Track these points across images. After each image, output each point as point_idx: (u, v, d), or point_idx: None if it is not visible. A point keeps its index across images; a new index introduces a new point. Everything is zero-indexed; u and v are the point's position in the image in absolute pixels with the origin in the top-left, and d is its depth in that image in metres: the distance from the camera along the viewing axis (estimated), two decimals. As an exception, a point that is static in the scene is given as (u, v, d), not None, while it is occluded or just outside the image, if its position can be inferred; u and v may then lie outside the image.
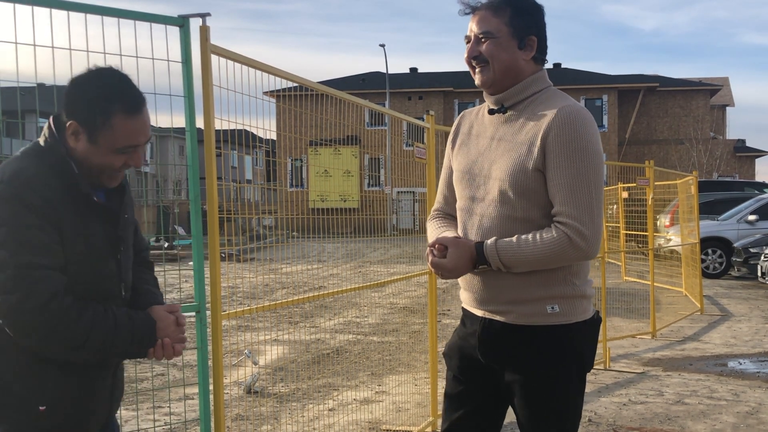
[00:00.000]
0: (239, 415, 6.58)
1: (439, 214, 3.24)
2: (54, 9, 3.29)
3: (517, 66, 2.92)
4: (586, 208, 2.75)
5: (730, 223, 19.09)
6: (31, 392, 2.39)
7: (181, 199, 34.12)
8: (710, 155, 45.39)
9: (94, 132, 2.45)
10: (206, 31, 3.62)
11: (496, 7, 2.90)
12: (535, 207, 2.83)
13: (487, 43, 2.89)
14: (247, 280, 6.75)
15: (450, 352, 3.13)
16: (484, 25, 2.90)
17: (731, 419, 6.49)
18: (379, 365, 8.67)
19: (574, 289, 2.89)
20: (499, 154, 2.91)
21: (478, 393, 3.03)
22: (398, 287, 12.83)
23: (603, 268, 9.35)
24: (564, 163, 2.76)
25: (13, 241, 2.30)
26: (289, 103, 4.85)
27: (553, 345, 2.86)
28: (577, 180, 2.75)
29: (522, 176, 2.81)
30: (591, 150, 2.79)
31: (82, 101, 2.46)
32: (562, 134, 2.77)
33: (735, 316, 12.53)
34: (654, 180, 11.77)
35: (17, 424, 2.39)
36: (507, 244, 2.79)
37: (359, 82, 48.70)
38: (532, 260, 2.77)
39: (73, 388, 2.46)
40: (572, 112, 2.81)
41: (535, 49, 2.94)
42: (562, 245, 2.74)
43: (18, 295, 2.28)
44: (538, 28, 2.95)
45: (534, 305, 2.85)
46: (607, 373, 8.30)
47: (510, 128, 2.93)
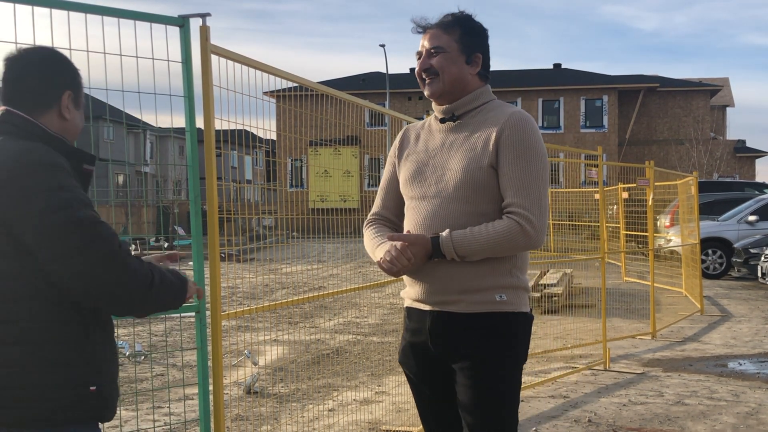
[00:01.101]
0: (239, 415, 6.57)
1: (377, 219, 3.38)
2: (54, 9, 3.29)
3: (464, 79, 3.17)
4: (536, 200, 3.00)
5: (731, 223, 19.08)
6: (85, 373, 2.42)
7: (181, 199, 34.14)
8: (710, 156, 45.36)
9: (79, 94, 2.60)
10: (206, 31, 3.62)
11: (446, 26, 3.18)
12: (488, 201, 3.04)
13: (438, 56, 3.15)
14: (247, 280, 6.75)
15: (404, 356, 3.30)
16: (435, 41, 3.16)
17: (731, 420, 6.49)
18: (379, 365, 8.67)
19: (518, 281, 3.10)
20: (453, 154, 3.13)
21: (438, 384, 3.21)
22: (398, 287, 12.81)
23: (603, 269, 9.35)
24: (516, 160, 3.01)
25: (69, 199, 2.33)
26: (289, 103, 4.85)
27: (501, 331, 3.05)
28: (528, 175, 3.00)
29: (477, 172, 3.03)
30: (540, 150, 3.06)
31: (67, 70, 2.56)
32: (515, 134, 3.03)
33: (735, 316, 12.53)
34: (654, 180, 11.78)
35: (66, 404, 2.39)
36: (461, 235, 2.97)
37: (359, 83, 48.67)
38: (486, 248, 2.96)
39: (110, 371, 2.53)
40: (523, 117, 3.08)
41: (480, 65, 3.20)
42: (513, 232, 2.95)
43: (98, 244, 2.32)
44: (483, 47, 3.22)
45: (483, 294, 3.04)
46: (607, 373, 8.30)
47: (461, 134, 3.16)
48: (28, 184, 2.31)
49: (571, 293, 13.63)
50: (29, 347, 2.35)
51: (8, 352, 2.34)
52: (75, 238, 2.30)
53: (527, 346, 3.19)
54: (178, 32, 3.66)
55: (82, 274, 2.31)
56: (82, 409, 2.42)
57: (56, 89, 2.53)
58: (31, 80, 2.52)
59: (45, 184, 2.32)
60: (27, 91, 2.52)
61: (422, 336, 3.16)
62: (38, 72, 2.53)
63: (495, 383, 3.05)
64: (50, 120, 2.53)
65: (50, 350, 2.36)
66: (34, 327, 2.35)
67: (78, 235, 2.30)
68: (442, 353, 3.12)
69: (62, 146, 2.51)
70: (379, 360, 9.00)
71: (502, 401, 3.07)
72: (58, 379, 2.37)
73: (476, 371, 3.04)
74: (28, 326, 2.35)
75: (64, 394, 2.38)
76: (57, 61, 2.56)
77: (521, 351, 3.14)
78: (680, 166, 42.21)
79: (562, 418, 6.60)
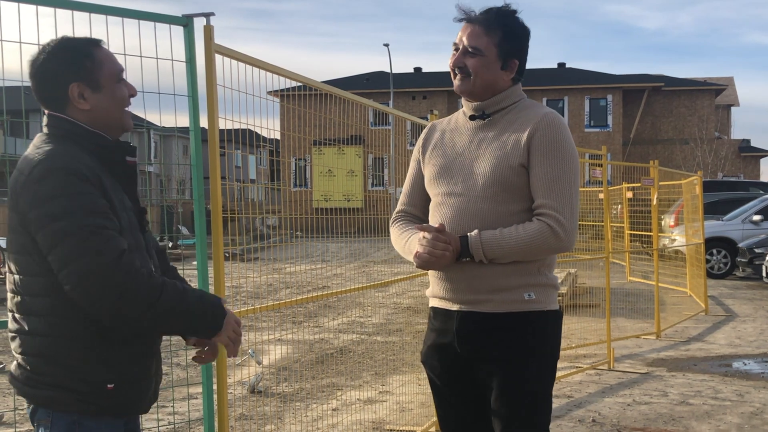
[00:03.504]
0: (243, 414, 6.58)
1: (403, 215, 3.32)
2: (58, 8, 3.29)
3: (497, 84, 3.11)
4: (567, 202, 2.95)
5: (735, 223, 19.04)
6: (99, 372, 2.46)
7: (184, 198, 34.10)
8: (715, 155, 45.27)
9: (93, 77, 2.56)
10: (210, 31, 3.62)
11: (488, 25, 3.07)
12: (516, 201, 2.99)
13: (475, 59, 3.07)
14: (251, 279, 6.74)
15: (428, 356, 3.22)
16: (475, 40, 3.07)
17: (736, 420, 6.48)
18: (382, 365, 8.67)
19: (547, 279, 3.07)
20: (481, 153, 3.07)
21: (463, 388, 3.15)
22: (402, 287, 12.81)
23: (607, 268, 9.33)
24: (548, 161, 2.96)
25: (73, 207, 2.35)
26: (293, 102, 4.85)
27: (531, 330, 3.01)
28: (559, 177, 2.96)
29: (507, 171, 2.98)
30: (572, 153, 3.02)
31: (65, 64, 2.54)
32: (548, 135, 2.99)
33: (739, 316, 12.51)
34: (658, 180, 11.76)
35: (85, 402, 2.47)
36: (490, 236, 2.92)
37: (363, 82, 48.66)
38: (516, 250, 2.92)
39: (133, 369, 2.54)
40: (556, 118, 3.04)
41: (515, 71, 3.14)
42: (544, 235, 2.91)
43: (89, 257, 2.32)
44: (521, 53, 3.15)
45: (512, 293, 2.99)
46: (611, 373, 8.29)
47: (490, 132, 3.10)
48: (38, 189, 2.38)
49: (575, 293, 13.62)
50: (52, 340, 2.44)
51: (37, 342, 2.46)
52: (68, 247, 2.34)
53: (559, 344, 3.16)
54: (182, 32, 3.66)
55: (75, 285, 2.35)
56: (101, 405, 2.49)
57: (60, 86, 2.54)
58: (38, 83, 2.57)
59: (52, 190, 2.36)
60: (42, 93, 2.58)
61: (448, 336, 3.10)
62: (40, 74, 2.56)
63: (527, 384, 3.00)
64: (75, 114, 2.56)
65: (68, 346, 2.45)
66: (55, 322, 2.43)
67: (71, 245, 2.34)
68: (470, 355, 3.06)
69: (98, 141, 2.55)
70: (383, 359, 9.00)
71: (534, 402, 3.03)
72: (77, 373, 2.46)
73: (507, 373, 2.99)
74: (51, 321, 2.44)
75: (83, 388, 2.46)
76: (54, 58, 2.55)
77: (552, 349, 3.10)
78: (685, 165, 42.14)
79: (566, 417, 6.59)
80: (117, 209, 2.48)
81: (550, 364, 3.10)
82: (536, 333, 3.02)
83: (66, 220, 2.34)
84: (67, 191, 2.36)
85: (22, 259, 2.45)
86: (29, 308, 2.46)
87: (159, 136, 57.45)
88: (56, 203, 2.35)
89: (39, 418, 2.50)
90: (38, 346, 2.45)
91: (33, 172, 2.40)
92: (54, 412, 2.47)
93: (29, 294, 2.45)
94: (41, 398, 2.47)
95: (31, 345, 2.46)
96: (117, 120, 2.63)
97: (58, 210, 2.35)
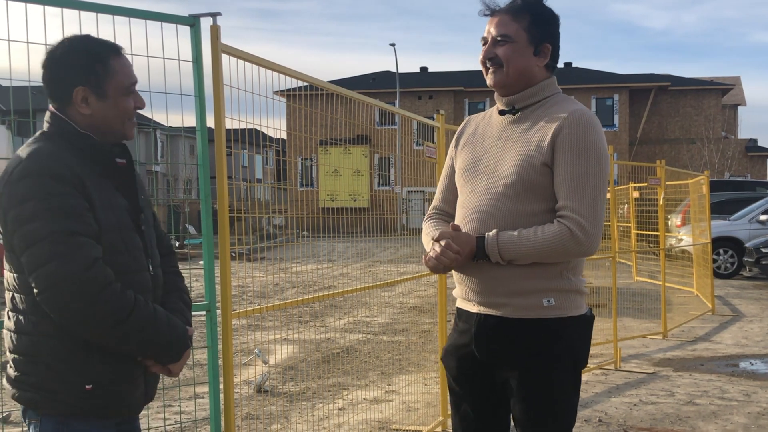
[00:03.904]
0: (249, 414, 6.58)
1: (436, 213, 3.27)
2: (65, 9, 3.30)
3: (530, 71, 2.99)
4: (590, 204, 2.83)
5: (742, 222, 19.00)
6: (77, 373, 2.45)
7: (191, 198, 34.20)
8: (722, 155, 45.19)
9: (101, 85, 2.55)
10: (217, 31, 3.62)
11: (516, 12, 2.97)
12: (539, 201, 2.89)
13: (505, 46, 2.96)
14: (257, 279, 6.76)
15: (447, 355, 3.17)
16: (503, 28, 2.96)
17: (742, 420, 6.46)
18: (389, 365, 8.67)
19: (569, 284, 2.93)
20: (506, 150, 2.98)
21: (479, 392, 3.07)
22: (408, 287, 12.84)
23: (614, 268, 9.32)
24: (573, 160, 2.84)
25: (44, 210, 2.34)
26: (300, 102, 4.85)
27: (548, 338, 2.91)
28: (583, 177, 2.83)
29: (530, 170, 2.88)
30: (599, 152, 2.88)
31: (76, 67, 2.54)
32: (574, 133, 2.85)
33: (746, 316, 12.48)
34: (665, 180, 11.73)
35: (66, 404, 2.46)
36: (508, 238, 2.84)
37: (369, 82, 48.68)
38: (533, 253, 2.82)
39: (113, 370, 2.52)
40: (585, 115, 2.90)
41: (548, 56, 3.02)
42: (564, 239, 2.80)
43: (57, 263, 2.31)
44: (553, 37, 3.03)
45: (530, 298, 2.89)
46: (618, 373, 8.27)
47: (518, 128, 3.00)
48: (14, 191, 2.39)
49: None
50: (35, 338, 2.44)
51: (23, 340, 2.46)
52: (37, 251, 2.34)
53: (585, 350, 3.02)
54: (189, 32, 3.66)
55: (41, 290, 2.35)
56: (82, 405, 2.48)
57: (65, 88, 2.55)
58: (47, 77, 2.58)
59: (26, 192, 2.37)
60: (49, 87, 2.59)
61: (467, 338, 3.03)
62: (52, 69, 2.57)
63: (545, 393, 2.90)
64: (75, 116, 2.56)
65: (49, 345, 2.44)
66: (37, 321, 2.43)
67: (40, 250, 2.34)
68: (487, 359, 2.99)
69: (86, 143, 2.53)
70: (389, 359, 9.00)
71: (553, 411, 2.92)
72: (57, 373, 2.45)
73: (524, 381, 2.91)
74: (34, 319, 2.44)
75: (63, 388, 2.45)
76: (68, 57, 2.55)
77: (575, 356, 2.96)
78: (691, 165, 42.08)
79: (572, 417, 6.58)
80: (99, 209, 2.46)
81: (571, 372, 2.96)
82: (555, 341, 2.90)
83: (36, 223, 2.34)
84: (39, 193, 2.35)
85: (10, 256, 2.45)
86: (17, 306, 2.47)
87: (166, 135, 57.51)
88: (28, 206, 2.35)
89: (29, 416, 2.52)
90: (24, 345, 2.46)
91: (13, 173, 2.40)
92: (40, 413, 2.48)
93: (17, 291, 2.46)
94: (26, 400, 2.48)
95: (19, 344, 2.47)
96: (117, 130, 2.62)
97: (29, 213, 2.35)
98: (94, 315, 2.35)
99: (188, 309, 2.84)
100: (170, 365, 2.64)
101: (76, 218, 2.37)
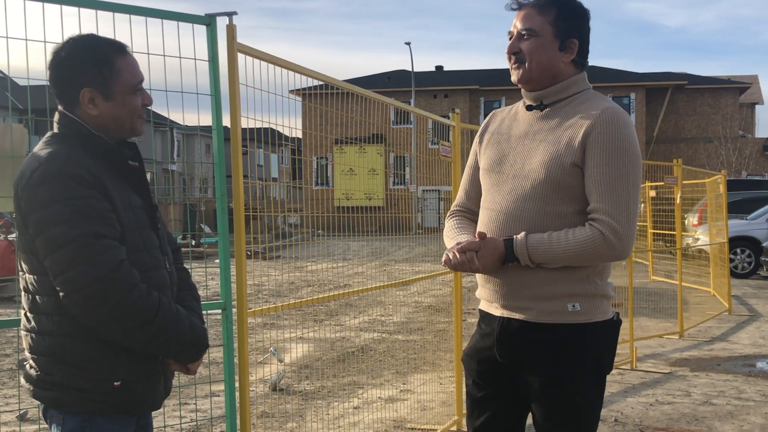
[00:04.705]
0: (264, 412, 6.60)
1: (459, 211, 3.19)
2: (82, 8, 3.31)
3: (555, 67, 2.90)
4: (623, 206, 2.73)
5: (759, 222, 18.88)
6: (104, 371, 2.47)
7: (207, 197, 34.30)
8: (739, 154, 44.90)
9: (107, 85, 2.55)
10: (233, 30, 3.63)
11: (542, 5, 2.89)
12: (568, 202, 2.81)
13: (530, 41, 2.88)
14: (273, 278, 6.77)
15: (468, 356, 3.10)
16: (528, 22, 2.89)
17: (759, 420, 6.42)
18: (404, 364, 8.67)
19: (595, 288, 2.86)
20: (534, 148, 2.88)
21: (498, 395, 3.01)
22: (423, 286, 12.82)
23: (630, 268, 9.29)
24: (605, 161, 2.74)
25: (70, 213, 2.35)
26: (315, 101, 4.86)
27: (572, 344, 2.83)
28: (616, 178, 2.74)
29: (558, 170, 2.79)
30: (632, 152, 2.78)
31: (82, 68, 2.54)
32: (607, 133, 2.76)
33: (763, 316, 12.40)
34: (682, 179, 11.67)
35: (93, 402, 2.48)
36: (538, 241, 2.76)
37: (384, 81, 48.66)
38: (564, 258, 2.74)
39: (138, 368, 2.54)
40: (617, 113, 2.80)
41: (575, 52, 2.92)
42: (596, 243, 2.72)
43: (84, 266, 2.33)
44: (580, 31, 2.94)
45: (555, 302, 2.82)
46: (634, 373, 8.24)
47: (546, 125, 2.91)
48: (36, 194, 2.39)
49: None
50: (59, 339, 2.45)
51: (45, 341, 2.46)
52: (63, 255, 2.35)
53: (610, 355, 2.95)
54: (205, 31, 3.68)
55: (68, 293, 2.37)
56: (109, 402, 2.49)
57: (72, 90, 2.55)
58: (54, 78, 2.59)
59: (49, 195, 2.37)
60: (56, 89, 2.59)
61: (490, 341, 2.96)
62: (57, 71, 2.57)
63: (567, 400, 2.84)
64: (84, 116, 2.57)
65: (74, 345, 2.45)
66: (61, 321, 2.44)
67: (66, 253, 2.35)
68: (509, 363, 2.93)
69: (100, 143, 2.54)
70: (404, 358, 9.00)
71: (577, 417, 2.86)
72: (84, 372, 2.46)
73: (545, 389, 2.85)
74: (57, 319, 2.44)
75: (91, 386, 2.47)
76: (73, 58, 2.56)
77: (599, 362, 2.89)
78: (708, 164, 41.82)
79: (588, 417, 6.56)
80: (120, 209, 2.48)
81: (594, 378, 2.89)
82: (580, 347, 2.83)
83: (61, 226, 2.35)
84: (63, 196, 2.36)
85: (28, 258, 2.46)
86: (38, 307, 2.47)
87: (182, 134, 57.73)
88: (52, 209, 2.36)
89: (51, 415, 2.53)
90: (46, 346, 2.47)
91: (33, 176, 2.40)
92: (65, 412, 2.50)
93: (38, 293, 2.47)
94: (50, 399, 2.49)
95: (40, 344, 2.48)
96: (125, 127, 2.63)
97: (54, 216, 2.36)
98: (121, 316, 2.38)
99: (199, 306, 2.87)
100: (189, 364, 2.67)
101: (100, 220, 2.39)
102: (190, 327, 2.58)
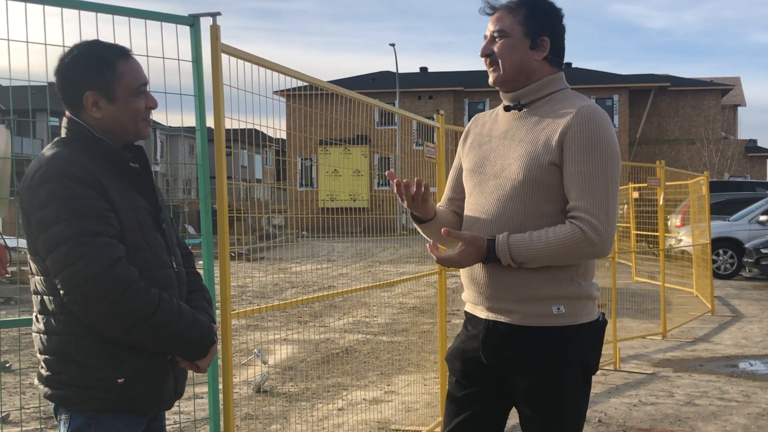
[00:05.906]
0: (249, 414, 6.58)
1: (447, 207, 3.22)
2: (65, 8, 3.30)
3: (528, 65, 2.91)
4: (602, 204, 2.74)
5: (742, 223, 19.00)
6: (108, 369, 2.50)
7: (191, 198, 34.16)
8: (721, 155, 45.20)
9: (110, 88, 2.59)
10: (217, 31, 3.62)
11: (512, 7, 2.92)
12: (548, 202, 2.81)
13: (501, 41, 2.90)
14: (257, 279, 6.75)
15: (452, 357, 3.10)
16: (499, 23, 2.91)
17: (742, 420, 6.46)
18: (388, 365, 8.67)
19: (580, 290, 2.86)
20: (512, 148, 2.90)
21: (481, 396, 3.00)
22: (408, 287, 12.83)
23: (613, 269, 9.32)
24: (583, 159, 2.75)
25: (67, 212, 2.39)
26: (299, 102, 4.84)
27: (558, 347, 2.84)
28: (594, 176, 2.74)
29: (537, 169, 2.80)
30: (610, 149, 2.78)
31: (85, 72, 2.58)
32: (584, 131, 2.76)
33: (746, 317, 12.48)
34: (665, 180, 11.73)
35: (97, 400, 2.51)
36: (519, 240, 2.76)
37: (369, 82, 48.66)
38: (545, 256, 2.74)
39: (144, 366, 2.56)
40: (594, 111, 2.80)
41: (547, 50, 2.93)
42: (576, 240, 2.71)
43: (81, 264, 2.37)
44: (552, 29, 2.94)
45: (540, 305, 2.82)
46: (617, 373, 8.27)
47: (524, 125, 2.92)
48: (36, 195, 2.44)
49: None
50: (65, 338, 2.50)
51: (53, 341, 2.51)
52: (61, 254, 2.39)
53: (595, 356, 2.96)
54: (189, 31, 3.67)
55: (67, 292, 2.41)
56: (112, 400, 2.53)
57: (76, 94, 2.60)
58: (59, 84, 2.64)
59: (48, 196, 2.42)
60: (62, 94, 2.64)
61: (475, 343, 2.96)
62: (62, 76, 2.62)
63: (553, 401, 2.85)
64: (88, 119, 2.61)
65: (79, 344, 2.49)
66: (66, 320, 2.48)
67: (64, 252, 2.39)
68: (495, 366, 2.92)
69: (102, 145, 2.58)
70: (388, 359, 9.00)
71: (562, 419, 2.88)
72: (88, 370, 2.50)
73: (532, 391, 2.86)
74: (63, 319, 2.49)
75: (95, 384, 2.50)
76: (77, 63, 2.60)
77: (583, 363, 2.90)
78: (691, 165, 42.09)
79: (571, 418, 6.57)
80: (120, 209, 2.51)
81: (580, 379, 2.90)
82: (565, 348, 2.84)
83: (59, 225, 2.39)
84: (61, 196, 2.41)
85: (35, 259, 2.51)
86: (46, 308, 2.52)
87: (165, 135, 57.49)
88: (51, 209, 2.40)
89: (60, 413, 2.57)
90: (54, 345, 2.51)
91: (34, 177, 2.46)
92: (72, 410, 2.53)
93: (45, 294, 2.51)
94: (58, 398, 2.53)
95: (49, 344, 2.52)
96: (129, 130, 2.66)
97: (52, 216, 2.40)
98: (119, 313, 2.41)
99: (210, 307, 2.90)
100: (197, 361, 2.69)
101: (98, 219, 2.42)
102: (194, 323, 2.60)
